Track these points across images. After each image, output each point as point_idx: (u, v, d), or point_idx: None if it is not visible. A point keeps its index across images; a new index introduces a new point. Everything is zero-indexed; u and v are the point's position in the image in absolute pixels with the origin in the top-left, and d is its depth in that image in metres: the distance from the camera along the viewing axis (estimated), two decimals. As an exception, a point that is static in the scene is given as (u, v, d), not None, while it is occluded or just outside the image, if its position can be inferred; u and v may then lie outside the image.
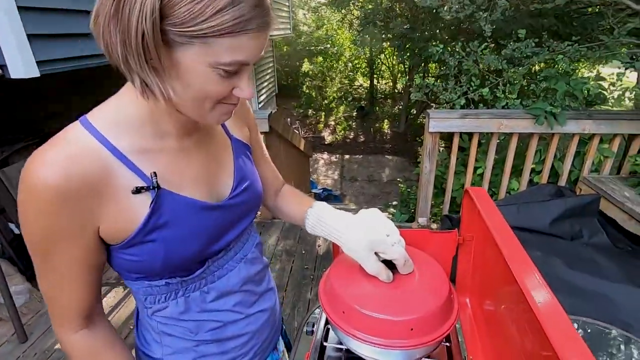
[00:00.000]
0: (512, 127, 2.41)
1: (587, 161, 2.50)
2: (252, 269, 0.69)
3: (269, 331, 0.74)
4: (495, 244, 0.58)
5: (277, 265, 2.36)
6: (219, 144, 0.63)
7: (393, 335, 0.56)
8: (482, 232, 0.70)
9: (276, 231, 2.74)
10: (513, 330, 0.57)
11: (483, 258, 0.73)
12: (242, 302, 0.67)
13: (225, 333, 0.65)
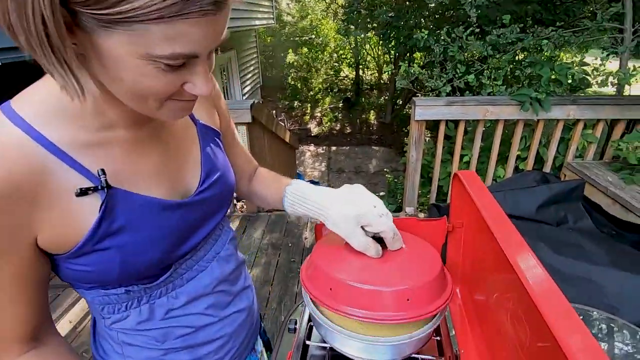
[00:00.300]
0: (498, 113, 2.40)
1: (571, 147, 2.51)
2: (227, 267, 0.63)
3: (247, 332, 0.69)
4: (487, 229, 0.53)
5: (262, 259, 2.30)
6: (182, 131, 0.56)
7: (389, 308, 0.50)
8: (473, 218, 0.65)
9: (262, 224, 2.68)
10: (506, 320, 0.53)
11: (474, 245, 0.69)
12: (216, 304, 0.61)
13: (197, 339, 0.60)
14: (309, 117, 10.63)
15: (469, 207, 0.66)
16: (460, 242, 0.73)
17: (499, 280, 0.58)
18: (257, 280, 2.13)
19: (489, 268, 0.61)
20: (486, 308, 0.63)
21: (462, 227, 0.71)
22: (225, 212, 0.62)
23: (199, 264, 0.58)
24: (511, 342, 0.51)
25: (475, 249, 0.68)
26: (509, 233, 0.50)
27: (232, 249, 0.66)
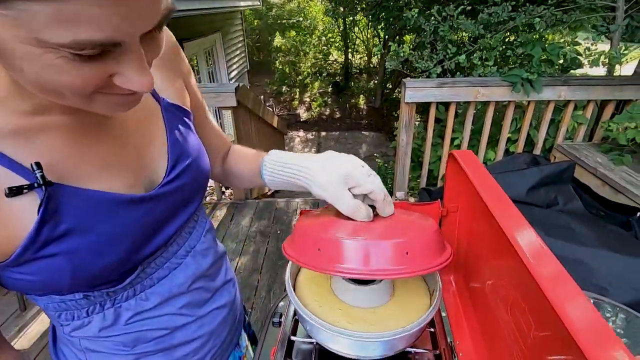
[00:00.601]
0: (489, 95, 2.35)
1: (561, 128, 2.49)
2: (203, 262, 0.57)
3: (229, 329, 0.64)
4: (487, 211, 0.48)
5: (251, 247, 2.25)
6: (143, 112, 0.48)
7: (387, 261, 0.44)
8: (470, 200, 0.61)
9: (250, 212, 2.62)
10: (505, 309, 0.49)
11: (470, 230, 0.64)
12: (192, 302, 0.55)
13: (172, 340, 0.54)
14: (297, 102, 10.46)
15: (465, 189, 0.61)
16: (454, 227, 0.69)
17: (498, 266, 0.53)
18: (246, 268, 2.09)
19: (487, 254, 0.57)
20: (483, 297, 0.59)
21: (457, 211, 0.66)
22: (200, 201, 0.56)
23: (171, 261, 0.52)
24: (510, 332, 0.47)
25: (472, 234, 0.64)
26: (511, 215, 0.45)
27: (209, 241, 0.60)
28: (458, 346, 0.60)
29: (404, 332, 0.49)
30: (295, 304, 0.54)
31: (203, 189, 0.56)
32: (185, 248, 0.54)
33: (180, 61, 0.55)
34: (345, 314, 0.54)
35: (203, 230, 0.59)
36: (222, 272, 0.63)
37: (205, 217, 0.61)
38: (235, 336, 0.68)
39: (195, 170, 0.52)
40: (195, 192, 0.54)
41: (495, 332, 0.53)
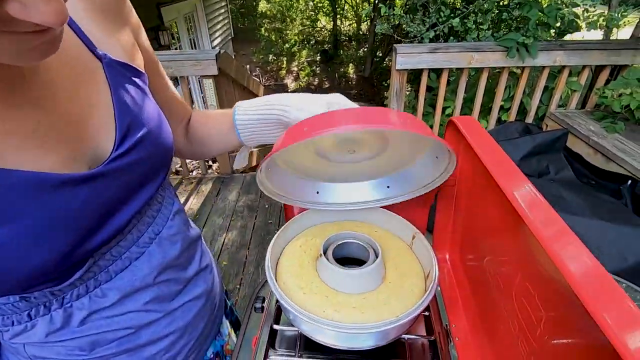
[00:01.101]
0: (483, 61, 2.25)
1: (555, 96, 2.43)
2: (172, 250, 0.50)
3: (207, 320, 0.58)
4: (492, 182, 0.42)
5: (238, 223, 2.19)
6: (78, 69, 0.38)
7: (382, 121, 0.42)
8: (470, 171, 0.54)
9: (236, 186, 2.54)
10: (508, 289, 0.44)
11: (469, 204, 0.58)
12: (160, 296, 0.49)
13: (138, 340, 0.48)
14: (285, 72, 10.13)
15: (465, 159, 0.54)
16: (451, 202, 0.63)
17: (502, 244, 0.48)
18: (234, 244, 2.04)
19: (490, 230, 0.51)
20: (482, 277, 0.54)
21: (455, 184, 0.60)
22: (163, 179, 0.47)
23: (131, 250, 0.44)
24: (512, 315, 0.43)
25: (471, 209, 0.58)
26: (521, 184, 0.39)
27: (178, 225, 0.52)
28: (454, 330, 0.56)
29: (397, 321, 0.44)
30: (276, 291, 0.48)
31: (165, 165, 0.47)
32: (149, 235, 0.47)
33: (127, 11, 0.45)
34: (332, 302, 0.49)
35: (170, 213, 0.51)
36: (195, 259, 0.56)
37: (173, 198, 0.54)
38: (215, 325, 0.62)
39: (153, 142, 0.43)
40: (156, 169, 0.45)
41: (496, 316, 0.49)
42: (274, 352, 0.54)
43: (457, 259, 0.65)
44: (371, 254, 0.54)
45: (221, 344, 0.66)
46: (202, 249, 0.60)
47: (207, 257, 0.60)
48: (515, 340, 0.42)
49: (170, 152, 0.48)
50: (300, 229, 0.63)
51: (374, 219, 0.63)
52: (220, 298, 0.65)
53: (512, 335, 0.43)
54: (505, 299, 0.45)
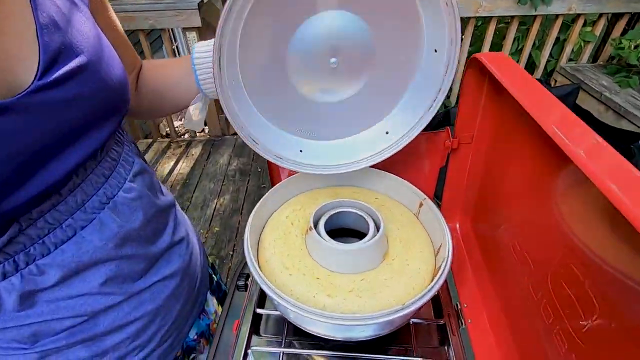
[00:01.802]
0: (492, 9, 2.06)
1: (566, 48, 2.26)
2: (132, 218, 0.40)
3: (185, 301, 0.50)
4: (530, 126, 0.32)
5: (230, 187, 2.11)
6: None
7: None
8: (496, 121, 0.44)
9: (228, 149, 2.43)
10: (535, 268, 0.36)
11: (490, 162, 0.49)
12: (120, 275, 0.40)
13: (96, 328, 0.40)
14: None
15: (489, 108, 0.44)
16: (465, 163, 0.53)
17: (535, 209, 0.38)
18: (226, 209, 1.96)
19: (517, 193, 0.42)
20: (500, 250, 0.46)
21: (472, 142, 0.50)
22: (115, 128, 0.38)
23: (76, 216, 0.35)
24: (545, 301, 0.35)
25: (492, 168, 0.48)
26: (578, 128, 0.29)
27: (140, 189, 0.42)
28: (466, 311, 0.48)
29: (401, 310, 0.36)
30: (255, 272, 0.40)
31: (117, 110, 0.37)
32: (99, 198, 0.37)
33: None
34: (323, 285, 0.40)
35: (129, 173, 0.41)
36: (167, 231, 0.47)
37: (135, 157, 0.44)
38: (197, 305, 0.55)
39: (96, 77, 0.33)
40: (103, 114, 0.35)
41: (519, 298, 0.41)
42: (259, 338, 0.47)
43: (469, 229, 0.57)
44: (371, 226, 0.45)
45: (207, 323, 0.59)
46: (176, 219, 0.51)
47: (182, 229, 0.51)
48: (546, 331, 0.35)
49: (123, 93, 0.38)
50: (287, 197, 0.53)
51: (374, 184, 0.54)
52: (203, 274, 0.57)
53: (543, 323, 0.35)
54: (536, 280, 0.37)
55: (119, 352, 0.43)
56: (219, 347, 0.50)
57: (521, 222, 0.40)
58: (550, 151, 0.31)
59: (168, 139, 2.54)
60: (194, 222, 1.92)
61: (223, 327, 0.53)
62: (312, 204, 0.50)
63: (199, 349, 0.57)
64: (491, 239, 0.50)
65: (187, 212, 1.92)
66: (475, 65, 0.42)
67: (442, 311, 0.47)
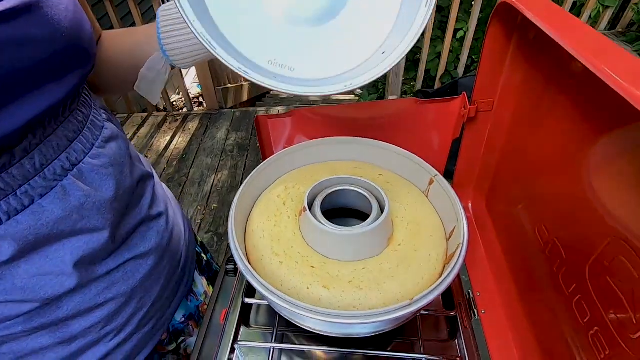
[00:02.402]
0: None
1: (583, 14, 2.12)
2: (102, 188, 0.35)
3: (166, 282, 0.45)
4: (578, 81, 0.26)
5: (228, 162, 2.05)
6: None
7: None
8: (525, 83, 0.37)
9: (225, 123, 2.35)
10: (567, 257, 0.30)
11: (513, 133, 0.43)
12: (86, 252, 0.35)
13: (59, 312, 0.35)
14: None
15: (520, 65, 0.37)
16: (483, 134, 0.46)
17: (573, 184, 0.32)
18: (224, 185, 1.91)
19: (548, 166, 0.36)
20: (521, 233, 0.40)
21: (492, 109, 0.44)
22: (77, 83, 0.33)
23: (32, 183, 0.30)
24: (581, 296, 0.29)
25: (517, 138, 0.42)
26: None
27: (111, 156, 0.37)
28: (479, 300, 0.43)
29: (408, 306, 0.31)
30: (239, 260, 0.34)
31: (80, 62, 0.32)
32: (61, 163, 0.32)
33: None
34: (319, 274, 0.35)
35: (97, 138, 0.36)
36: (142, 204, 0.42)
37: (105, 121, 0.38)
38: (183, 285, 0.50)
39: (48, 18, 0.28)
40: (61, 64, 0.30)
41: (544, 289, 0.36)
42: (248, 330, 0.43)
43: (482, 209, 0.51)
44: (374, 206, 0.39)
45: (196, 305, 0.55)
46: (154, 193, 0.45)
47: (161, 204, 0.46)
48: (579, 331, 0.29)
49: (84, 44, 0.33)
50: (279, 173, 0.47)
51: (378, 158, 0.47)
52: (189, 253, 0.52)
53: (575, 322, 0.30)
54: (569, 271, 0.31)
55: (89, 337, 0.38)
56: (206, 337, 0.45)
57: (552, 201, 0.34)
58: (602, 112, 0.25)
59: (164, 112, 2.46)
60: (191, 199, 1.87)
61: (212, 315, 0.48)
62: (308, 181, 0.44)
63: (188, 331, 0.53)
64: (509, 220, 0.44)
65: (184, 189, 1.88)
66: (504, 12, 0.35)
67: (452, 301, 0.42)
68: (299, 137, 0.53)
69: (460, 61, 2.28)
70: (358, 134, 0.48)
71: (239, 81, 2.75)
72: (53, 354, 0.36)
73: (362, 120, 0.50)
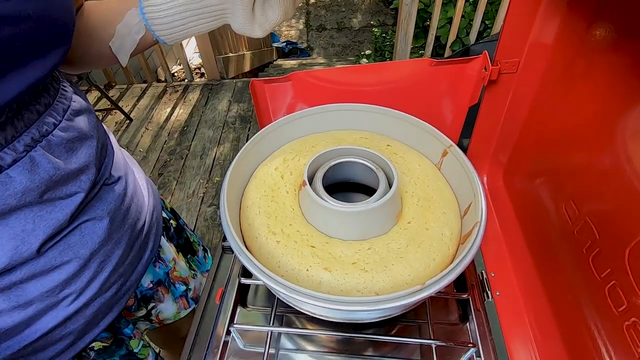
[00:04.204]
0: None
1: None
2: (71, 160, 0.34)
3: (127, 247, 0.43)
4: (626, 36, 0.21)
5: (230, 135, 2.00)
6: None
7: None
8: (559, 40, 0.32)
9: (227, 94, 2.28)
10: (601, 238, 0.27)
11: (540, 98, 0.38)
12: (43, 218, 0.33)
13: (13, 276, 0.34)
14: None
15: (555, 19, 0.32)
16: (505, 99, 0.41)
17: (604, 158, 0.28)
18: (226, 158, 1.88)
19: (581, 137, 0.32)
20: (543, 208, 0.37)
21: (517, 70, 0.38)
22: (60, 58, 0.32)
23: (1, 154, 0.29)
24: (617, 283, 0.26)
25: (545, 105, 0.37)
26: None
27: (80, 129, 0.35)
28: (493, 280, 0.40)
29: (420, 291, 0.27)
30: (232, 241, 0.31)
31: (60, 43, 0.32)
32: (31, 135, 0.31)
33: None
34: (320, 255, 0.32)
35: (65, 111, 0.35)
36: (103, 170, 0.40)
37: (71, 92, 0.37)
38: (148, 251, 0.48)
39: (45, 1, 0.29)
40: (48, 39, 0.30)
41: (568, 272, 0.32)
42: (245, 310, 0.40)
43: (499, 183, 0.47)
44: (381, 180, 0.35)
45: (165, 272, 0.53)
46: (114, 157, 0.43)
47: (120, 169, 0.44)
48: (613, 321, 0.26)
49: (70, 17, 0.32)
50: (277, 144, 0.43)
51: (386, 127, 0.43)
52: (154, 219, 0.49)
53: (608, 311, 0.27)
54: (602, 255, 0.27)
55: (47, 301, 0.37)
56: (203, 318, 0.43)
57: (584, 176, 0.30)
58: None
59: (163, 83, 2.39)
60: (193, 172, 1.85)
61: (209, 294, 0.46)
62: (308, 152, 0.40)
63: (158, 297, 0.52)
64: (530, 195, 0.40)
65: (186, 162, 1.85)
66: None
67: (465, 282, 0.39)
68: (300, 104, 0.49)
69: (472, 27, 2.16)
70: (364, 99, 0.43)
71: (240, 50, 2.65)
72: (8, 318, 0.35)
73: (369, 85, 0.46)
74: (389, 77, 0.45)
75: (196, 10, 0.33)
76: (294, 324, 0.40)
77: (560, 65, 0.35)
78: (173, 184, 1.74)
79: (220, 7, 0.33)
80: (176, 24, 0.34)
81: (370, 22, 6.13)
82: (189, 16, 0.33)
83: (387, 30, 4.69)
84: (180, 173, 1.78)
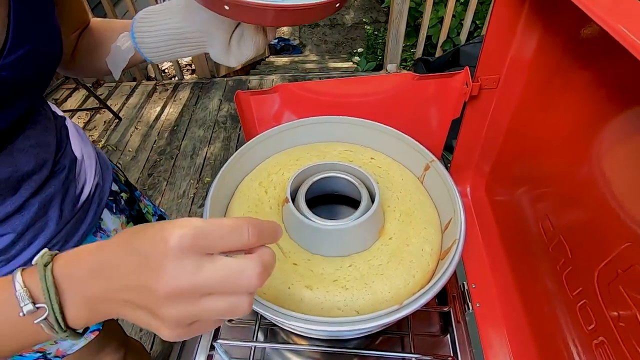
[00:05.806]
0: None
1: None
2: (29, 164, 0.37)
3: (62, 215, 0.43)
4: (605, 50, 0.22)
5: (221, 134, 1.99)
6: None
7: None
8: (538, 57, 0.33)
9: (217, 93, 2.26)
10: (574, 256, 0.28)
11: (520, 113, 0.39)
12: None
13: None
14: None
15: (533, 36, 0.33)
16: (486, 114, 0.42)
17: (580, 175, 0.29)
18: (217, 158, 1.87)
19: (559, 153, 0.32)
20: (523, 222, 0.37)
21: (497, 86, 0.39)
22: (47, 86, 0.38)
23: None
24: (586, 301, 0.27)
25: (524, 120, 0.38)
26: None
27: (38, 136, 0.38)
28: (474, 292, 0.41)
29: (397, 311, 0.28)
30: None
31: (43, 82, 0.37)
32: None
33: None
34: (302, 272, 0.32)
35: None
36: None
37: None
38: (87, 221, 0.48)
39: (35, 60, 0.33)
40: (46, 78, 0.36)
41: (545, 286, 0.33)
42: (229, 325, 0.40)
43: (481, 194, 0.48)
44: (364, 195, 0.36)
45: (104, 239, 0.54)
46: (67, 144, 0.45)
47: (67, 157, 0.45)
48: (582, 339, 0.27)
49: (54, 67, 0.37)
50: (261, 157, 0.43)
51: (370, 140, 0.43)
52: (95, 196, 0.50)
53: (578, 328, 0.28)
54: (574, 274, 0.28)
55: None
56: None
57: (560, 193, 0.31)
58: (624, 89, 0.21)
59: (153, 81, 2.36)
60: (183, 172, 1.83)
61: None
62: (293, 166, 0.41)
63: None
64: (510, 208, 0.41)
65: (176, 162, 1.83)
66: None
67: (446, 295, 0.39)
68: (285, 115, 0.49)
69: (463, 27, 2.17)
70: (350, 111, 0.44)
71: (231, 48, 2.62)
72: None
73: (355, 97, 0.46)
74: (375, 89, 0.45)
75: (178, 40, 0.36)
76: (279, 336, 0.40)
77: (539, 81, 0.35)
78: (163, 184, 1.72)
79: (200, 40, 0.36)
80: (161, 48, 0.37)
81: (362, 19, 6.11)
82: (173, 43, 0.36)
83: (380, 27, 4.68)
84: (171, 173, 1.77)
